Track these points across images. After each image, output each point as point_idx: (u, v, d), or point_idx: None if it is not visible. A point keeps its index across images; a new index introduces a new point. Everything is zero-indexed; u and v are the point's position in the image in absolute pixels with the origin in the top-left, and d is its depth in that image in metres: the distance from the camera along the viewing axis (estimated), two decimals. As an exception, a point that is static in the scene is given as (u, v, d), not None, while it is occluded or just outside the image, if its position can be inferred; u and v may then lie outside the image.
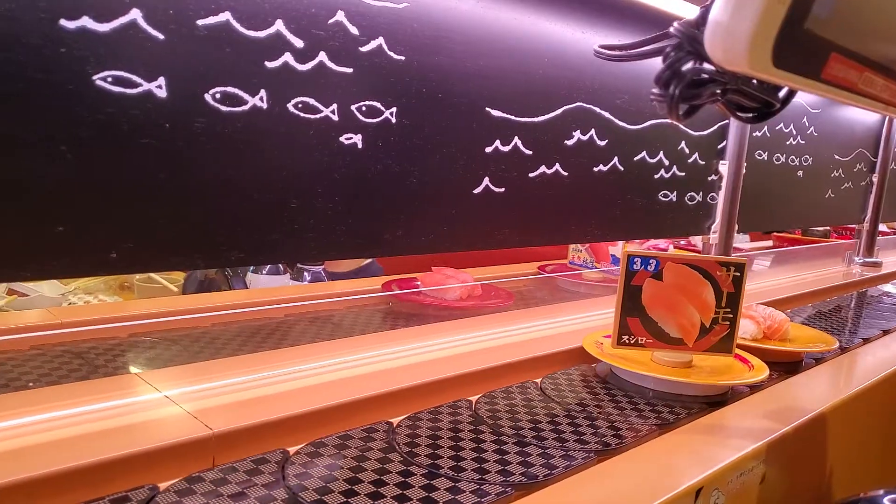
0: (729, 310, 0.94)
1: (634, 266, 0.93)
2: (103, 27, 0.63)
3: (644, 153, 1.29)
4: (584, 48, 1.10)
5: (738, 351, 1.02)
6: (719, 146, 1.47)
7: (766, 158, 1.68)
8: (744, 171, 1.50)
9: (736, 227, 1.54)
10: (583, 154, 1.17)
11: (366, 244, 0.89)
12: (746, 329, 1.15)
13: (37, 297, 1.42)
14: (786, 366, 1.11)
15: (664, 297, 0.94)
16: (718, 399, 0.93)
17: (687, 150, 1.39)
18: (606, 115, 1.18)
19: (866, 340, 1.33)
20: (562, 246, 1.89)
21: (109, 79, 0.65)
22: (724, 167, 1.49)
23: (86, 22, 0.62)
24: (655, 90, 0.52)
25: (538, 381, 0.95)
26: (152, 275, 1.52)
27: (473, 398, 0.86)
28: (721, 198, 1.49)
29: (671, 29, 0.51)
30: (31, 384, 0.76)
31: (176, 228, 0.72)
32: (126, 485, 0.58)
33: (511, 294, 1.44)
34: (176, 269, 0.92)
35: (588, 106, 1.14)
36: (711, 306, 0.94)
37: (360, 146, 0.85)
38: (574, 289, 1.65)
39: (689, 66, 0.51)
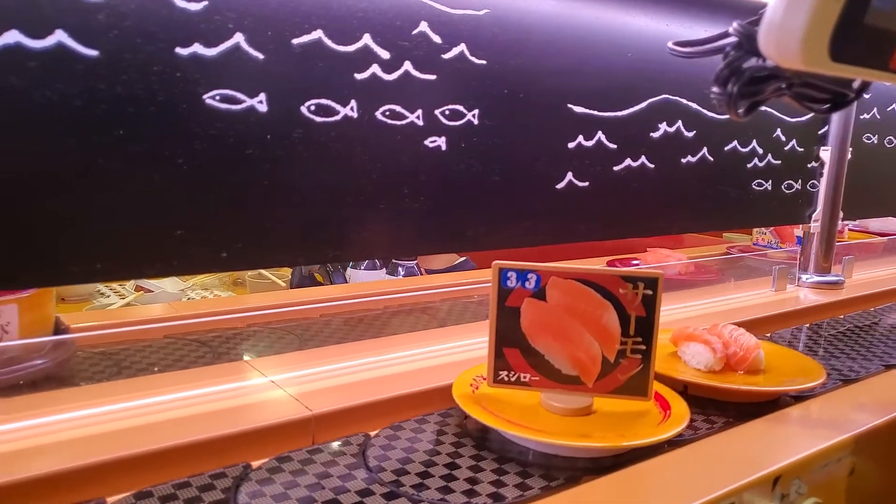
0: (640, 339, 0.71)
1: (508, 282, 0.71)
2: (211, 51, 0.71)
3: (735, 143, 1.26)
4: (668, 40, 1.10)
5: (666, 390, 0.80)
6: (820, 132, 1.42)
7: (875, 142, 1.59)
8: (849, 156, 1.44)
9: (841, 214, 1.47)
10: (670, 146, 1.16)
11: (451, 240, 0.94)
12: (700, 358, 0.90)
13: (160, 292, 1.56)
14: (755, 407, 0.84)
15: (550, 323, 0.72)
16: (617, 462, 0.69)
17: (783, 138, 1.35)
18: (694, 106, 1.18)
19: (865, 374, 0.97)
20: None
21: (217, 97, 0.73)
22: (825, 153, 1.43)
23: (196, 48, 0.70)
24: (715, 89, 0.53)
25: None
26: (262, 271, 1.65)
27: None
28: (823, 185, 1.44)
29: (730, 28, 0.52)
30: (156, 368, 0.86)
31: (278, 229, 0.80)
32: (227, 461, 0.65)
33: (717, 271, 1.53)
34: (279, 266, 1.00)
35: (674, 98, 1.14)
36: (616, 335, 0.71)
37: (443, 148, 0.90)
38: (761, 266, 1.71)
39: (749, 63, 0.52)
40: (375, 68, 0.82)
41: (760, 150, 1.32)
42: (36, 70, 0.63)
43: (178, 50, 0.70)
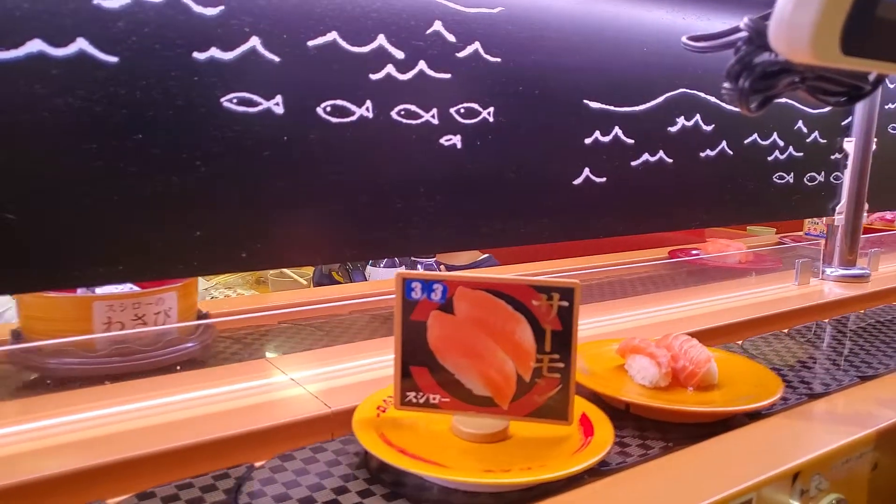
0: (557, 356, 0.64)
1: (413, 294, 0.64)
2: (228, 55, 0.73)
3: (755, 135, 1.25)
4: (684, 34, 1.09)
5: (595, 411, 0.71)
6: (843, 122, 1.40)
7: (901, 132, 1.57)
8: (874, 147, 1.41)
9: (866, 206, 1.45)
10: (688, 140, 1.16)
11: (467, 237, 0.94)
12: (645, 373, 0.82)
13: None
14: (704, 427, 0.75)
15: (459, 338, 0.65)
16: (525, 497, 0.61)
17: (805, 130, 1.33)
18: (712, 99, 1.17)
19: (837, 388, 0.89)
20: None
21: (234, 100, 0.74)
22: (849, 145, 1.41)
23: (214, 52, 0.72)
24: (726, 84, 0.53)
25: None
26: (284, 270, 1.67)
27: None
28: (847, 177, 1.42)
29: (741, 24, 0.52)
30: (178, 367, 0.88)
31: (296, 229, 0.81)
32: (245, 458, 0.67)
33: (779, 259, 1.56)
34: (298, 265, 1.02)
35: (692, 92, 1.13)
36: (530, 351, 0.64)
37: (459, 146, 0.90)
38: (815, 256, 1.70)
39: (761, 58, 0.52)
40: (390, 68, 0.83)
41: (781, 143, 1.30)
42: (59, 77, 0.65)
43: (196, 54, 0.71)
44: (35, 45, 0.63)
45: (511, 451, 0.65)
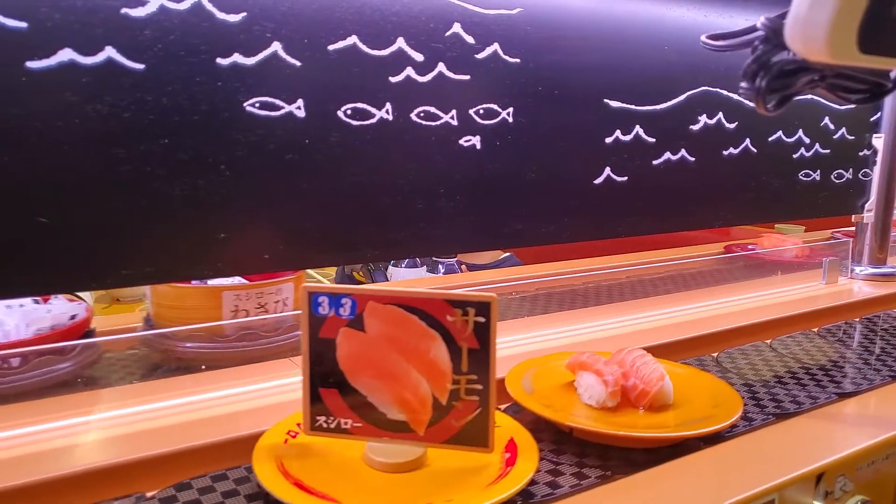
0: (475, 377, 0.59)
1: (320, 309, 0.59)
2: (250, 60, 0.74)
3: (780, 133, 1.24)
4: (706, 31, 1.08)
5: (524, 435, 0.66)
6: (872, 118, 1.38)
7: (933, 127, 1.53)
8: (904, 143, 1.39)
9: (897, 203, 1.43)
10: (710, 138, 1.15)
11: (488, 237, 0.95)
12: (592, 392, 0.75)
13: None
14: (651, 453, 0.69)
15: (371, 358, 0.60)
16: None
17: (832, 126, 1.31)
18: (735, 97, 1.16)
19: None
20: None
21: (257, 104, 0.75)
22: (878, 141, 1.39)
23: (236, 58, 0.73)
24: (743, 83, 0.53)
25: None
26: (308, 270, 1.69)
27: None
28: (876, 174, 1.39)
29: (758, 23, 0.52)
30: (203, 367, 0.90)
31: (318, 231, 0.82)
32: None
33: (834, 253, 1.56)
34: (320, 266, 1.03)
35: (714, 90, 1.13)
36: (446, 372, 0.59)
37: (478, 147, 0.91)
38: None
39: (778, 57, 0.52)
40: (409, 71, 0.84)
41: (807, 140, 1.28)
42: (88, 85, 0.67)
43: (219, 60, 0.73)
44: (66, 55, 0.65)
45: (425, 481, 0.60)
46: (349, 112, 0.81)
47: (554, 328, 1.05)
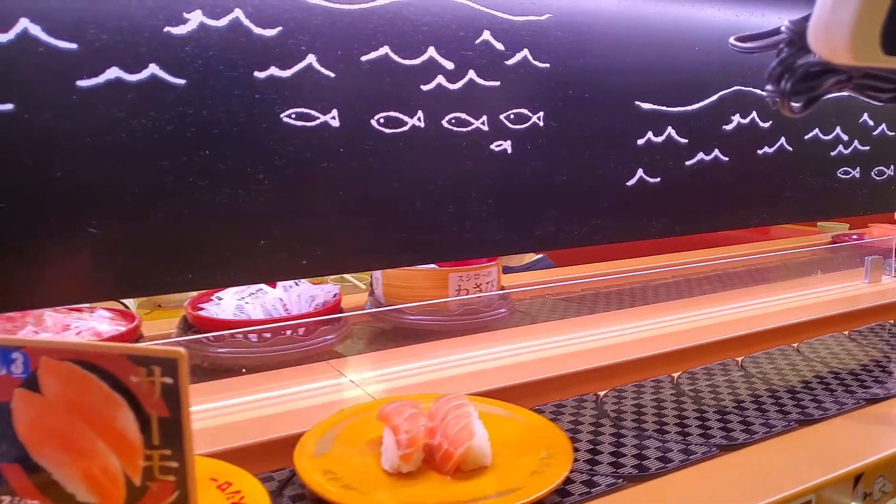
0: (169, 452, 0.48)
1: None
2: (286, 73, 0.77)
3: (816, 130, 1.22)
4: (738, 31, 1.08)
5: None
6: (913, 113, 1.35)
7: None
8: (948, 137, 1.36)
9: (941, 200, 1.40)
10: (744, 138, 1.14)
11: (519, 240, 0.96)
12: (387, 454, 0.64)
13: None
14: None
15: (53, 426, 0.49)
16: None
17: (871, 123, 1.29)
18: (769, 95, 1.15)
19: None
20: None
21: (293, 115, 0.78)
22: (920, 136, 1.36)
23: (273, 71, 0.76)
24: (769, 86, 0.53)
25: None
26: (344, 275, 1.72)
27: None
28: (918, 170, 1.36)
29: (782, 26, 0.52)
30: (244, 370, 0.93)
31: (353, 236, 0.85)
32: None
33: None
34: (355, 271, 1.06)
35: (747, 89, 1.12)
36: (136, 445, 0.48)
37: (509, 151, 0.92)
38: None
39: (804, 60, 0.52)
40: (441, 79, 0.86)
41: (845, 137, 1.27)
42: (133, 101, 0.70)
43: (257, 73, 0.75)
44: (113, 73, 0.68)
45: None
46: (382, 120, 0.83)
47: (577, 332, 1.06)
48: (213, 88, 0.73)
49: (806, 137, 1.21)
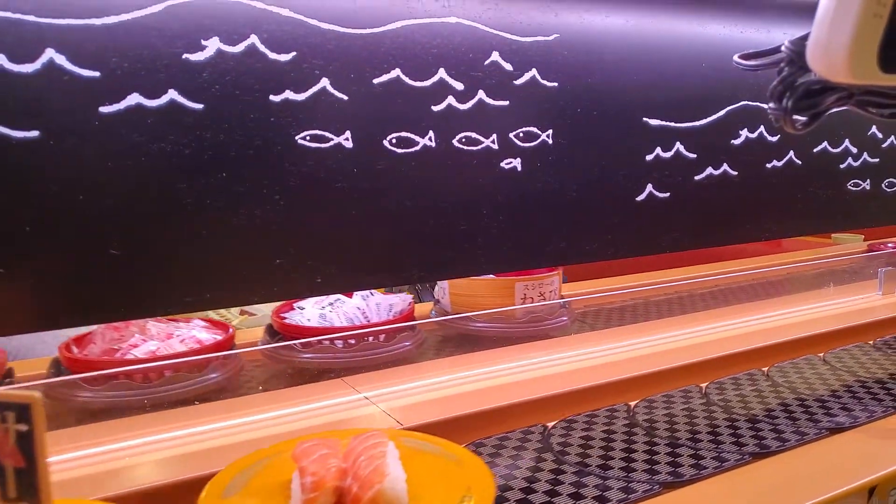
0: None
1: None
2: (301, 96, 0.79)
3: (825, 143, 1.23)
4: (743, 47, 1.09)
5: None
6: (923, 125, 1.35)
7: None
8: (959, 148, 1.36)
9: (953, 211, 1.39)
10: (752, 152, 1.15)
11: (530, 256, 0.97)
12: (295, 497, 0.60)
13: (262, 315, 1.68)
14: None
15: None
16: None
17: (880, 135, 1.30)
18: (777, 109, 1.16)
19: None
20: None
21: (308, 137, 0.80)
22: (931, 147, 1.36)
23: (288, 94, 0.78)
24: (770, 104, 0.55)
25: None
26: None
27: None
28: (930, 181, 1.36)
29: (782, 46, 0.54)
30: (260, 388, 0.94)
31: (367, 254, 0.86)
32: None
33: None
34: (369, 288, 1.07)
35: (754, 104, 1.13)
36: None
37: (519, 169, 0.94)
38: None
39: (805, 78, 0.53)
40: (451, 99, 0.87)
41: (854, 150, 1.27)
42: (153, 125, 0.72)
43: (272, 97, 0.77)
44: (133, 99, 0.71)
45: None
46: (394, 141, 0.85)
47: (603, 344, 1.07)
48: (230, 112, 0.76)
49: (815, 150, 1.22)
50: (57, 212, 0.69)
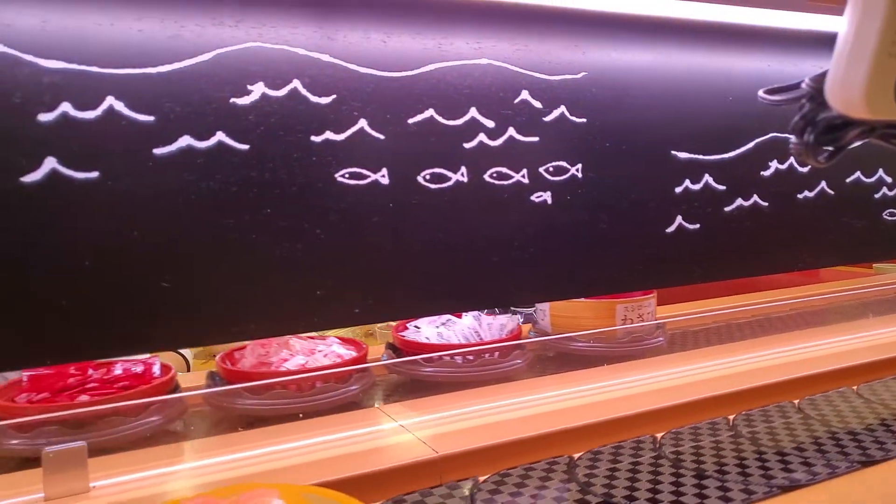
0: None
1: None
2: (340, 136, 0.83)
3: (858, 173, 1.23)
4: (771, 81, 1.11)
5: None
6: (958, 154, 1.34)
7: None
8: None
9: None
10: (783, 183, 1.16)
11: (563, 287, 0.99)
12: None
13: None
14: None
15: None
16: None
17: (914, 164, 1.29)
18: (806, 140, 1.16)
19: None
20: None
21: (346, 175, 0.84)
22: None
23: (328, 135, 0.82)
24: (793, 139, 0.56)
25: None
26: (391, 323, 1.76)
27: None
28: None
29: (802, 83, 0.56)
30: (300, 415, 0.97)
31: (402, 285, 0.89)
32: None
33: None
34: (405, 318, 1.10)
35: (783, 135, 1.14)
36: None
37: (549, 202, 0.96)
38: None
39: (825, 114, 0.55)
40: (482, 137, 0.91)
41: (889, 179, 1.27)
42: (202, 165, 0.77)
43: (313, 137, 0.82)
44: (184, 141, 0.75)
45: None
46: (428, 177, 0.88)
47: (630, 375, 1.07)
48: (274, 152, 0.80)
49: (848, 181, 1.22)
50: (114, 247, 0.73)
